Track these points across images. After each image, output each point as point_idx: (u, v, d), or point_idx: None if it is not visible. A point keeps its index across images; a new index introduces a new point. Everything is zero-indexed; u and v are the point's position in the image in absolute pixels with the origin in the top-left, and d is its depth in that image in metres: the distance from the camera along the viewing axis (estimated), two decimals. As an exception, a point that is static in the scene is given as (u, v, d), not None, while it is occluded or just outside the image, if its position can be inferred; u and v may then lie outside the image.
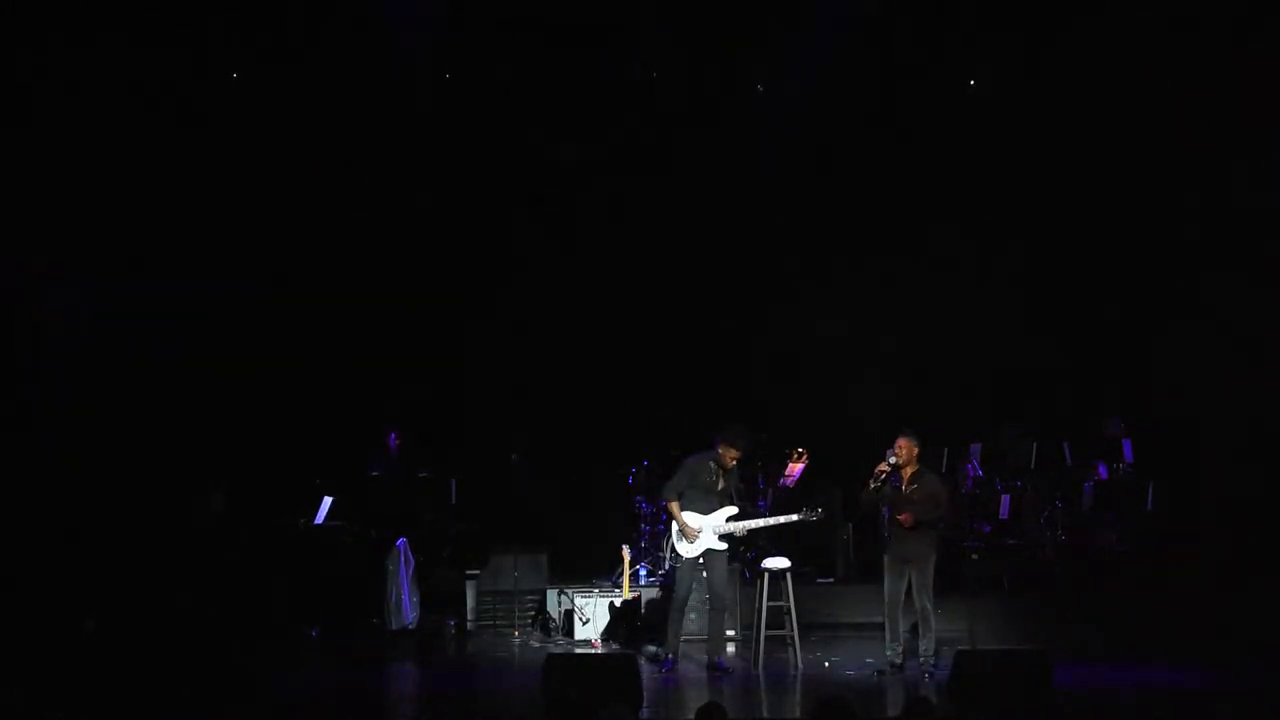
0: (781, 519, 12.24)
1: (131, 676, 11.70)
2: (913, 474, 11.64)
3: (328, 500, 13.65)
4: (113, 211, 14.40)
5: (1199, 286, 14.93)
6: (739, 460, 11.99)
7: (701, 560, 11.93)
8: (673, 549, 12.25)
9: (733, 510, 11.92)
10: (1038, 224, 15.36)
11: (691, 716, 7.92)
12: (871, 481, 11.62)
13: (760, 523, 12.12)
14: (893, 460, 11.58)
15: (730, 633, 13.18)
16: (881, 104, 15.05)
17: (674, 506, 11.95)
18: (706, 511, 11.91)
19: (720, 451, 11.87)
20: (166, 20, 13.79)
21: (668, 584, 12.92)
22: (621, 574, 13.51)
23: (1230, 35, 13.98)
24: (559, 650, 12.86)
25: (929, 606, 11.55)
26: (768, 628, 12.16)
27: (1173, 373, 14.90)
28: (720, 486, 11.92)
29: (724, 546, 11.91)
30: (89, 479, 13.96)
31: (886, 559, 11.72)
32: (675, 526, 12.02)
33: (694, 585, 12.18)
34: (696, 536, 11.85)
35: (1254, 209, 14.58)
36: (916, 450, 11.67)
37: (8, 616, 12.77)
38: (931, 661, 11.52)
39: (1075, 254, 15.42)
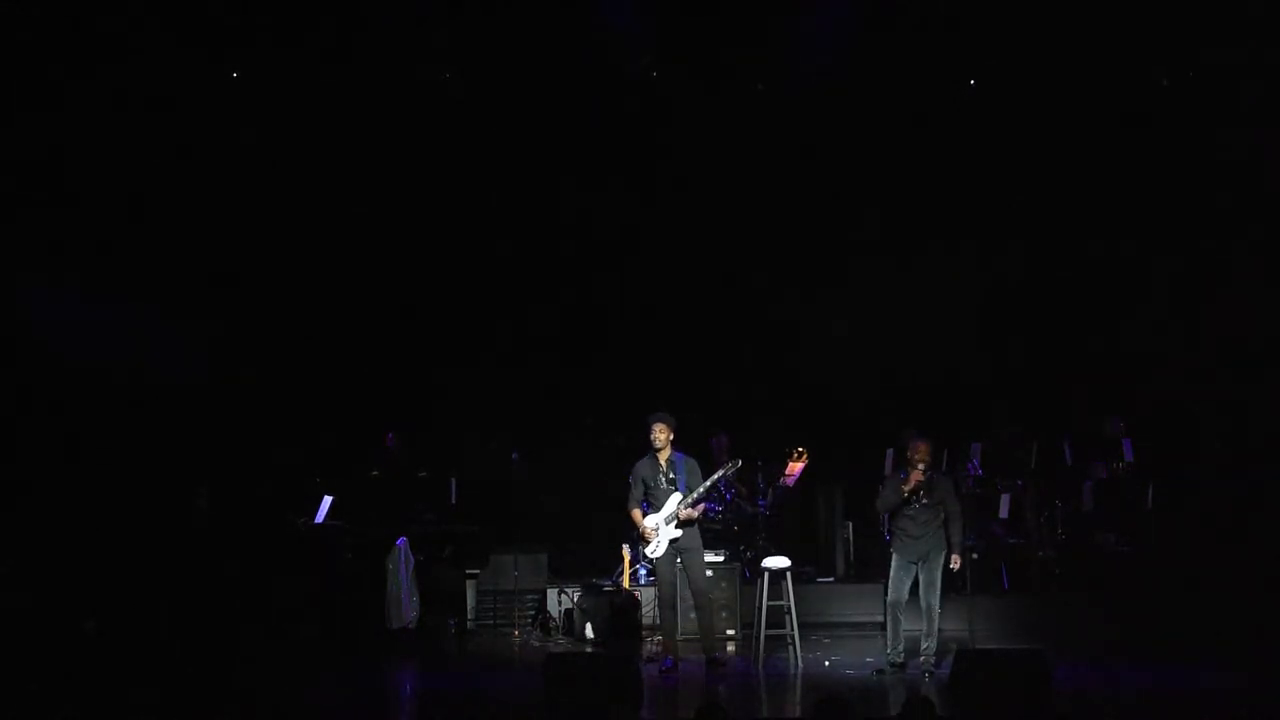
0: (707, 483, 12.06)
1: (131, 677, 11.70)
2: (928, 476, 11.64)
3: (328, 500, 13.65)
4: (105, 214, 14.39)
5: (1199, 286, 14.94)
6: (666, 436, 11.92)
7: (680, 559, 11.98)
8: (643, 555, 12.36)
9: (678, 496, 11.92)
10: (1039, 223, 15.36)
11: (691, 716, 7.92)
12: (906, 491, 11.59)
13: (699, 491, 11.98)
14: (922, 466, 11.57)
15: (730, 631, 13.19)
16: (880, 102, 15.02)
17: (635, 514, 12.07)
18: (660, 507, 11.97)
19: (652, 441, 11.97)
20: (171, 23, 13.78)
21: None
22: (621, 574, 13.52)
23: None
24: (559, 650, 12.86)
25: (935, 606, 11.54)
26: (768, 627, 12.16)
27: (1173, 372, 14.90)
28: (671, 477, 11.97)
29: (680, 533, 11.89)
30: (89, 480, 13.96)
31: (894, 559, 11.71)
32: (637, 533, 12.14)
33: (679, 584, 12.25)
34: (654, 534, 11.91)
35: (1256, 206, 14.60)
36: (931, 454, 11.72)
37: (8, 616, 12.78)
38: (933, 661, 11.51)
39: (1076, 253, 15.42)
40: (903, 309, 15.45)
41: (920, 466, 11.56)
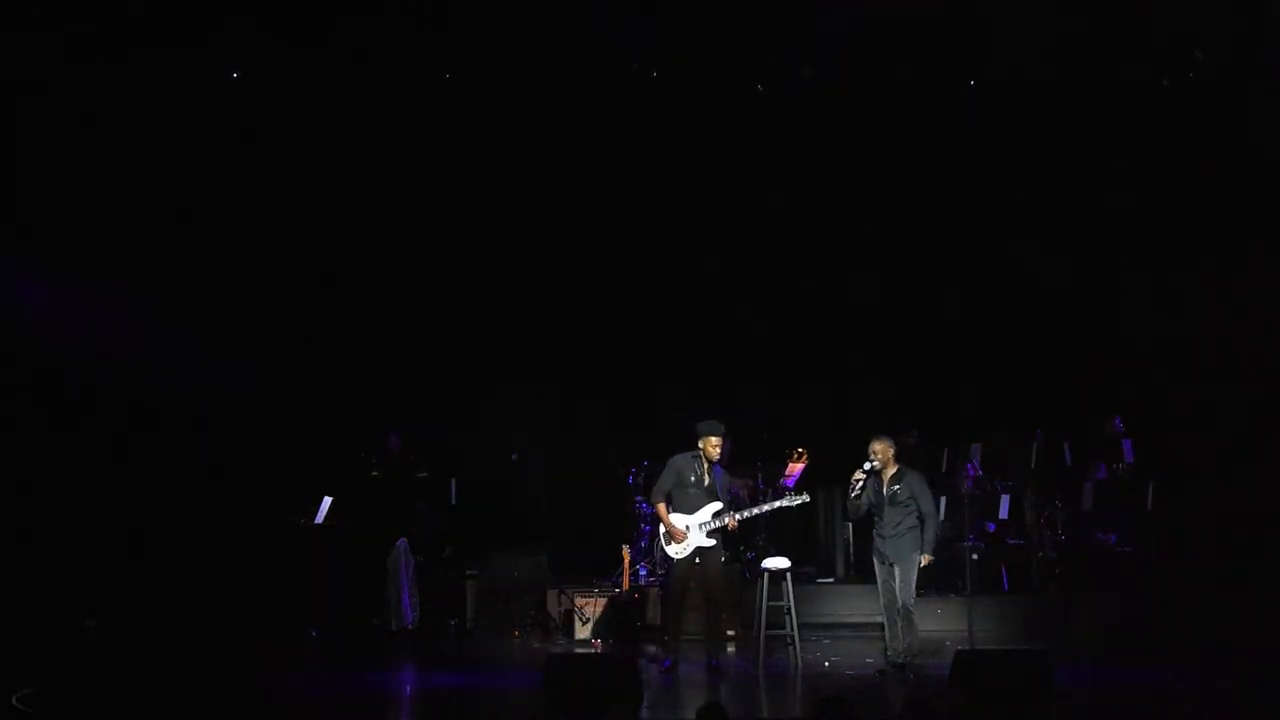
0: (766, 507, 12.25)
1: (132, 677, 11.71)
2: (893, 475, 11.62)
3: (328, 500, 13.66)
4: (103, 215, 14.40)
5: (1198, 285, 14.95)
6: (720, 449, 11.90)
7: (699, 561, 11.90)
8: (662, 552, 12.23)
9: (718, 506, 11.84)
10: (1038, 224, 15.35)
11: (691, 716, 7.92)
12: (850, 491, 11.61)
13: (746, 514, 12.07)
14: (871, 465, 11.57)
15: (730, 632, 13.18)
16: (878, 99, 15.00)
17: (661, 508, 11.93)
18: (692, 510, 11.86)
19: (700, 445, 11.88)
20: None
21: (667, 584, 12.91)
22: (621, 574, 13.51)
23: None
24: (559, 650, 12.86)
25: (910, 605, 11.50)
26: (768, 627, 12.15)
27: (1173, 371, 14.90)
28: (706, 483, 11.88)
29: (713, 543, 11.84)
30: (88, 479, 13.97)
31: (874, 559, 11.72)
32: (663, 529, 12.01)
33: (691, 584, 12.16)
34: (684, 536, 11.83)
35: (1258, 206, 14.62)
36: (893, 451, 11.65)
37: (8, 616, 12.79)
38: (913, 658, 11.47)
39: (1075, 253, 15.42)
40: (902, 308, 15.45)
41: (866, 466, 11.52)
